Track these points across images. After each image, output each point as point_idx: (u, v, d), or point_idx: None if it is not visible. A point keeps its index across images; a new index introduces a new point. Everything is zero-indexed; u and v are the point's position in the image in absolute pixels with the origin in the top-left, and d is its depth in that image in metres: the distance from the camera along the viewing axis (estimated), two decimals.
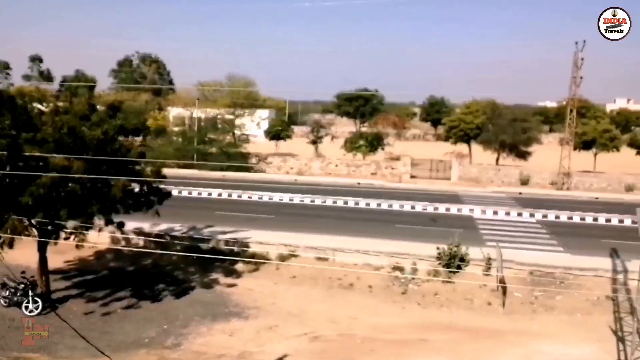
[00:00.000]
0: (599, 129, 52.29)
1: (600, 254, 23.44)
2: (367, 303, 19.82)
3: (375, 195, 36.83)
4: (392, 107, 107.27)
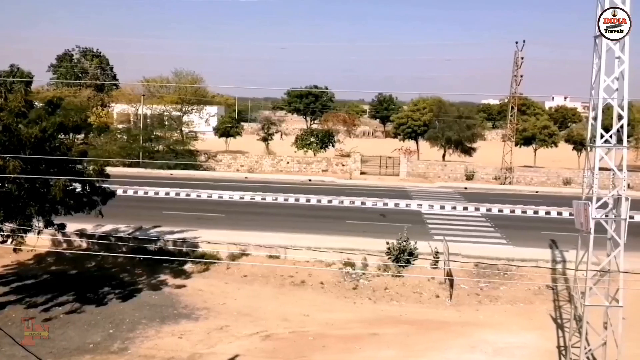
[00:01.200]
0: (539, 126, 54.63)
1: (540, 245, 24.51)
2: (319, 300, 19.89)
3: (326, 191, 37.01)
4: (342, 105, 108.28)
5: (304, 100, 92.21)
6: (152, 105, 56.60)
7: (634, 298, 18.31)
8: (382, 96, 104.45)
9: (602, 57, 12.61)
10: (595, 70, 12.88)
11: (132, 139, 48.18)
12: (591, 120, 13.32)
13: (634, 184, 44.27)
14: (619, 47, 12.62)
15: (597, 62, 12.84)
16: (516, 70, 44.47)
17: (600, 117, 12.70)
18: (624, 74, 12.63)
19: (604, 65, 12.60)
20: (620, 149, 12.98)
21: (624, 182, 12.78)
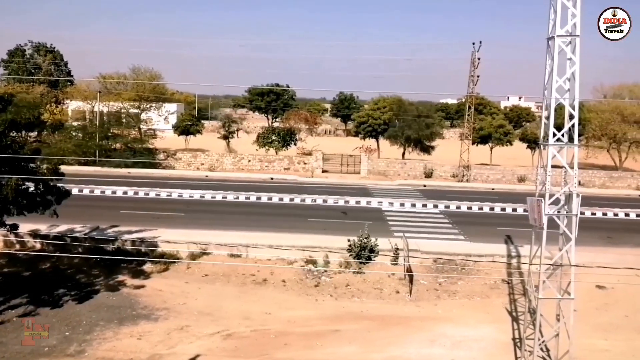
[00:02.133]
0: (495, 125, 56.16)
1: (496, 241, 25.29)
2: (280, 297, 19.88)
3: (288, 190, 36.95)
4: (303, 103, 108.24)
5: (265, 98, 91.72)
6: (108, 102, 55.07)
7: (585, 291, 19.16)
8: (344, 95, 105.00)
9: (555, 58, 13.09)
10: (548, 71, 13.36)
11: (88, 137, 46.75)
12: (544, 120, 13.81)
13: (585, 181, 46.14)
14: (571, 49, 13.13)
15: (549, 64, 13.32)
16: (473, 70, 45.53)
17: (553, 116, 13.18)
18: (575, 74, 13.15)
19: (556, 67, 13.08)
20: (571, 147, 13.51)
21: (575, 179, 13.30)
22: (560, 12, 12.89)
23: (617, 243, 26.81)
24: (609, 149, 55.00)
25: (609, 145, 54.60)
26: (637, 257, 23.61)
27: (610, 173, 48.94)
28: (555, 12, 12.95)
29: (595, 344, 16.38)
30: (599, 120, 53.98)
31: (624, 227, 30.93)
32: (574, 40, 13.08)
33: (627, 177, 48.26)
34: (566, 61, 13.25)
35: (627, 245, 26.45)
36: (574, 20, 12.96)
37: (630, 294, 19.93)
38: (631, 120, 52.01)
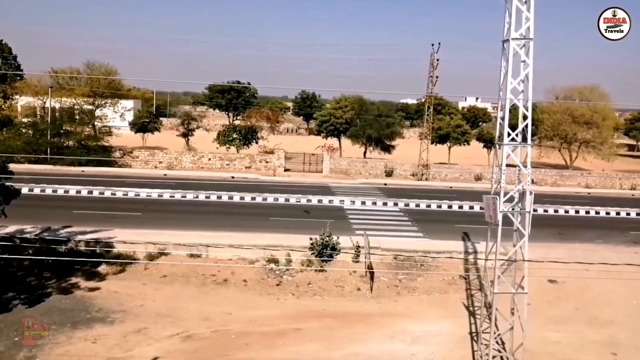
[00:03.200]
0: (453, 125, 57.38)
1: (454, 238, 25.85)
2: (242, 297, 19.71)
3: (249, 188, 36.69)
4: (265, 101, 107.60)
5: (226, 96, 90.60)
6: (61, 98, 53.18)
7: (538, 285, 19.82)
8: (306, 93, 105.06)
9: (509, 60, 13.45)
10: (503, 73, 13.71)
11: (39, 134, 45.02)
12: (499, 120, 14.18)
13: (538, 180, 47.71)
14: (525, 51, 13.52)
15: (504, 66, 13.67)
16: (432, 71, 46.33)
17: (507, 117, 13.55)
18: (528, 76, 13.55)
19: (510, 69, 13.44)
20: (525, 147, 13.92)
21: (528, 178, 13.71)
22: (515, 15, 13.25)
23: (567, 239, 27.84)
24: (560, 149, 57.05)
25: (560, 145, 56.63)
26: (586, 252, 24.63)
27: (562, 172, 50.80)
28: (510, 16, 13.30)
29: (548, 336, 16.97)
30: (551, 121, 55.91)
31: (574, 224, 32.15)
32: (527, 43, 13.47)
33: (577, 175, 50.20)
34: (520, 63, 13.63)
35: (577, 240, 27.52)
36: (527, 24, 13.34)
37: (580, 287, 20.73)
38: (581, 121, 54.07)
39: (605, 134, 55.16)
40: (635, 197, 44.64)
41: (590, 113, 53.88)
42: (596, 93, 56.28)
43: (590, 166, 57.75)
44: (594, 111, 53.95)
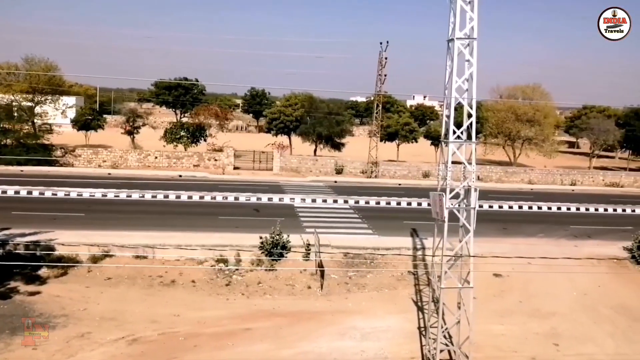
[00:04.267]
0: (401, 123, 58.34)
1: (403, 234, 26.29)
2: (190, 298, 19.30)
3: (197, 187, 36.02)
4: (214, 98, 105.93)
5: (173, 92, 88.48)
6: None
7: (484, 279, 20.41)
8: (255, 91, 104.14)
9: (454, 59, 13.73)
10: (449, 72, 13.99)
11: None
12: (445, 118, 14.47)
13: (483, 176, 49.24)
14: (469, 50, 13.84)
15: (450, 65, 13.95)
16: (381, 69, 46.91)
17: (453, 115, 13.83)
18: (473, 75, 13.88)
19: (455, 68, 13.73)
20: (470, 145, 14.27)
21: (473, 175, 14.07)
22: (460, 15, 13.55)
23: (511, 234, 28.85)
24: (504, 146, 59.12)
25: (504, 143, 58.68)
26: (529, 246, 25.62)
27: (506, 168, 52.61)
28: (455, 16, 13.58)
29: (493, 329, 17.50)
30: (496, 119, 57.84)
31: (517, 219, 33.36)
32: (471, 42, 13.79)
33: (521, 172, 52.14)
34: (465, 63, 13.94)
35: (520, 235, 28.56)
36: (471, 24, 13.66)
37: (523, 281, 21.51)
38: (524, 119, 56.20)
39: (546, 132, 57.54)
40: (575, 192, 46.83)
41: (532, 111, 56.07)
42: (538, 92, 58.64)
43: (533, 163, 60.18)
44: (536, 109, 56.17)
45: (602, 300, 20.57)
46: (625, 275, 23.59)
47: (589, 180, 52.07)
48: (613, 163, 75.86)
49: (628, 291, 21.76)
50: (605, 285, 22.10)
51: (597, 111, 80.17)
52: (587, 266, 22.76)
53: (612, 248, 26.52)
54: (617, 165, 71.23)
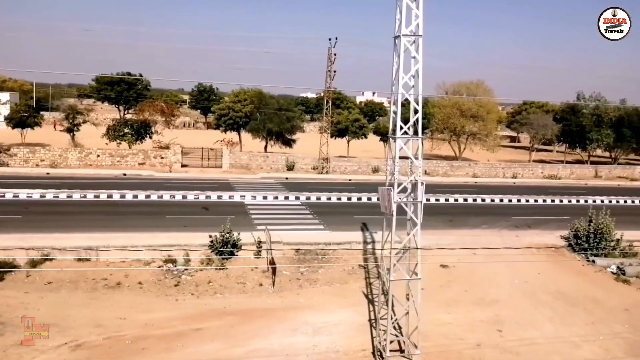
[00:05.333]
0: (351, 119, 58.83)
1: (353, 229, 26.57)
2: (137, 300, 18.75)
3: (143, 186, 35.05)
4: (159, 94, 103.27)
5: (115, 88, 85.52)
6: None
7: (431, 270, 20.91)
8: (203, 86, 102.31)
9: (401, 56, 13.92)
10: (395, 69, 14.17)
11: None
12: (392, 114, 14.66)
13: (430, 170, 50.40)
14: (415, 47, 14.06)
15: (396, 61, 14.13)
16: (330, 65, 47.11)
17: (400, 111, 14.03)
18: (418, 72, 14.11)
19: (402, 64, 13.92)
20: (416, 140, 14.52)
21: (419, 169, 14.34)
22: (405, 12, 13.73)
23: (457, 225, 29.70)
24: (450, 141, 60.70)
25: (450, 138, 60.25)
26: (474, 238, 26.46)
27: (452, 163, 54.09)
28: (401, 13, 13.75)
29: (440, 318, 17.95)
30: (442, 115, 59.29)
31: (463, 211, 34.38)
32: (417, 39, 14.01)
33: (466, 166, 53.73)
34: (411, 59, 14.16)
35: (465, 227, 29.45)
36: (417, 21, 13.88)
37: (468, 270, 22.18)
38: (468, 115, 57.85)
39: (489, 127, 59.50)
40: (516, 184, 48.73)
41: (476, 107, 57.81)
42: (481, 88, 60.49)
43: (477, 157, 62.17)
44: (479, 105, 57.96)
45: (542, 287, 21.50)
46: (563, 262, 24.76)
47: (529, 173, 54.33)
48: (551, 156, 79.44)
49: (565, 277, 22.85)
50: (544, 272, 23.11)
51: (536, 107, 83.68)
52: (527, 255, 23.74)
53: (550, 237, 27.79)
54: (555, 158, 74.67)
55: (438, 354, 15.59)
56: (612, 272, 23.62)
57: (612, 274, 23.48)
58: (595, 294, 21.11)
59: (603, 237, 25.17)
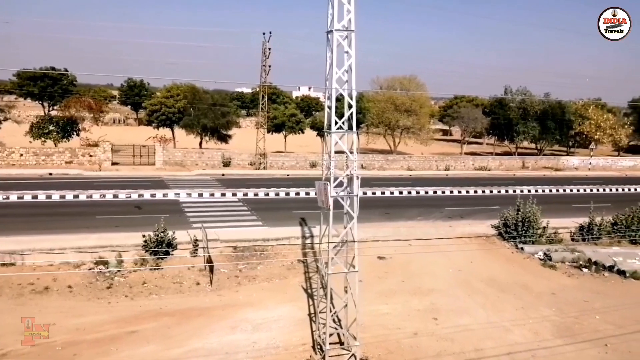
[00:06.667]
0: (287, 114, 58.77)
1: (292, 224, 26.60)
2: (67, 305, 17.88)
3: (71, 186, 33.47)
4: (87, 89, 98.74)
5: (39, 83, 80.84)
6: None
7: (368, 262, 21.30)
8: (133, 81, 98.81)
9: (334, 51, 14.01)
10: (329, 63, 14.25)
11: None
12: (327, 109, 14.76)
13: (366, 164, 51.26)
14: (347, 42, 14.19)
15: (330, 56, 14.21)
16: (265, 60, 46.77)
17: (334, 105, 14.14)
18: (352, 67, 14.26)
19: (335, 59, 14.02)
20: (351, 134, 14.69)
21: (355, 163, 14.53)
22: (338, 7, 13.82)
23: (393, 218, 30.41)
24: (385, 135, 62.00)
25: (385, 132, 61.52)
26: (409, 229, 27.19)
27: (387, 156, 55.28)
28: (333, 7, 13.83)
29: (378, 309, 18.33)
30: (376, 110, 60.40)
31: (398, 204, 35.24)
32: (350, 34, 14.14)
33: (400, 159, 55.09)
34: (344, 54, 14.28)
35: (401, 219, 30.21)
36: (349, 16, 14.00)
37: (405, 261, 22.76)
38: (402, 109, 59.29)
39: (422, 121, 61.28)
40: (449, 177, 50.50)
41: (409, 102, 59.32)
42: (414, 83, 62.15)
43: (411, 150, 63.88)
44: (412, 100, 59.51)
45: (475, 275, 22.42)
46: (494, 250, 25.94)
47: (460, 165, 56.48)
48: (481, 149, 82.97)
49: (496, 265, 23.95)
50: (476, 261, 24.11)
51: (466, 101, 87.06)
52: (460, 244, 24.69)
53: (481, 226, 29.02)
54: (485, 151, 78.06)
55: (377, 344, 15.91)
56: (539, 258, 24.95)
57: (540, 260, 24.80)
58: (524, 279, 22.24)
59: (530, 225, 26.55)
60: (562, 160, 62.94)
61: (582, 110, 66.74)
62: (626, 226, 27.87)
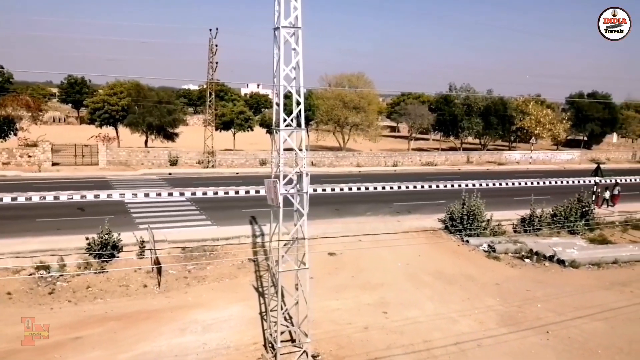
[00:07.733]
0: (236, 111, 58.10)
1: (242, 223, 26.38)
2: (6, 312, 17.04)
3: (8, 188, 31.86)
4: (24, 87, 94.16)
5: None
6: None
7: (319, 259, 21.44)
8: (74, 78, 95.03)
9: (281, 48, 13.95)
10: (276, 60, 14.18)
11: None
12: (275, 106, 14.71)
13: (316, 161, 51.46)
14: (294, 39, 14.16)
15: (277, 53, 14.14)
16: (212, 57, 46.05)
17: (282, 103, 14.10)
18: (299, 64, 14.25)
19: (282, 56, 13.97)
20: (299, 132, 14.71)
21: (304, 161, 14.55)
22: (284, 4, 13.77)
23: (343, 214, 30.68)
24: (334, 132, 62.40)
25: (334, 129, 61.93)
26: (359, 225, 27.51)
27: (336, 153, 55.68)
28: (280, 4, 13.78)
29: (329, 305, 18.47)
30: (325, 107, 60.69)
31: (348, 200, 35.58)
32: (297, 31, 14.13)
33: (350, 156, 55.61)
34: (292, 51, 14.25)
35: (351, 215, 30.53)
36: (296, 13, 13.97)
37: (354, 257, 23.02)
38: (351, 106, 59.85)
39: (371, 118, 62.09)
40: (397, 172, 51.41)
41: (358, 99, 59.95)
42: (362, 80, 62.85)
43: (360, 147, 64.59)
44: (360, 97, 60.18)
45: (422, 268, 22.96)
46: (440, 244, 26.64)
47: (408, 160, 57.63)
48: (428, 144, 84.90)
49: (443, 258, 24.61)
50: (424, 254, 24.70)
51: (413, 98, 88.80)
52: (408, 238, 25.19)
53: (428, 220, 29.75)
54: (431, 146, 79.94)
55: (328, 339, 16.03)
56: (484, 250, 25.81)
57: (484, 251, 25.66)
58: (470, 271, 22.96)
59: (475, 218, 27.43)
60: (504, 155, 65.34)
61: (522, 106, 69.53)
62: (565, 217, 29.25)
